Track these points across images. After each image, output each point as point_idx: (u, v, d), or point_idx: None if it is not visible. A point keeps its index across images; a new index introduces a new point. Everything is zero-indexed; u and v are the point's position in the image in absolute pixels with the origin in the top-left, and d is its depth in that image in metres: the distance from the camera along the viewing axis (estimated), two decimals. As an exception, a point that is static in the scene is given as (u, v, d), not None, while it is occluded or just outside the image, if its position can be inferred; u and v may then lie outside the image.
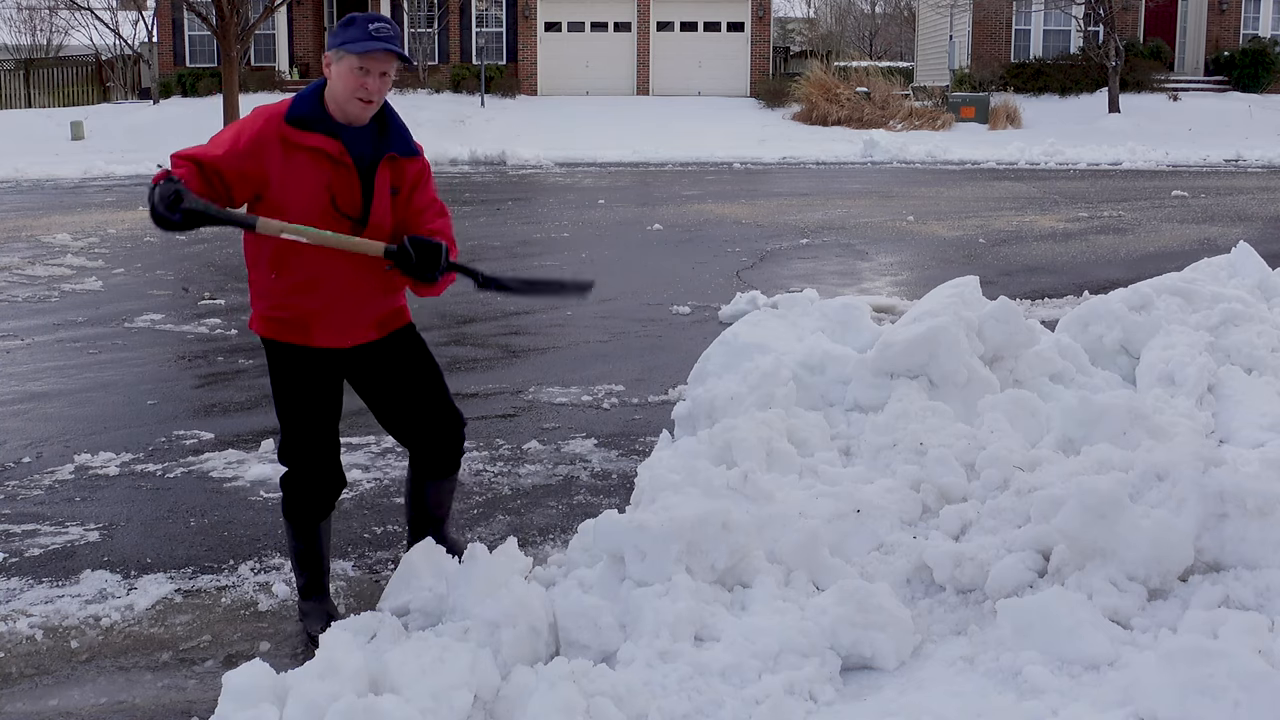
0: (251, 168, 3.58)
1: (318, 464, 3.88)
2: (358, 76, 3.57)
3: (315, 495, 3.91)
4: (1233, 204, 16.49)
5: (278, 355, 3.82)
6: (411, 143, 3.80)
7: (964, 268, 10.68)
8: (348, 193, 3.65)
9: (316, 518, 3.96)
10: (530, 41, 35.77)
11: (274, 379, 3.87)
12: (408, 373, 3.90)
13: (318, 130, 3.60)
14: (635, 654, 3.42)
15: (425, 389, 3.92)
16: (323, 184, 3.62)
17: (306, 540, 3.98)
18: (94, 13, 37.99)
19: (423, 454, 4.01)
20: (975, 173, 21.57)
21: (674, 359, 7.75)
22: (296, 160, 3.60)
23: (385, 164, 3.70)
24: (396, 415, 3.96)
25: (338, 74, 3.59)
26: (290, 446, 3.89)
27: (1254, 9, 34.07)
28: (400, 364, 3.89)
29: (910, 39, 47.88)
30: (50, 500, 5.41)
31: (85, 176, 22.04)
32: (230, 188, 3.60)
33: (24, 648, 4.04)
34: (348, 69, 3.57)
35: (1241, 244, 6.95)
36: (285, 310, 3.73)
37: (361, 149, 3.66)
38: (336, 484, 3.95)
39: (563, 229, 14.41)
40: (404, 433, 4.00)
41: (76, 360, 8.09)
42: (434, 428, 3.96)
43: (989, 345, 5.28)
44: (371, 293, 3.78)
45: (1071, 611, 3.41)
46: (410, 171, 3.77)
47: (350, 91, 3.58)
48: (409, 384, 3.90)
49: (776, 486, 4.33)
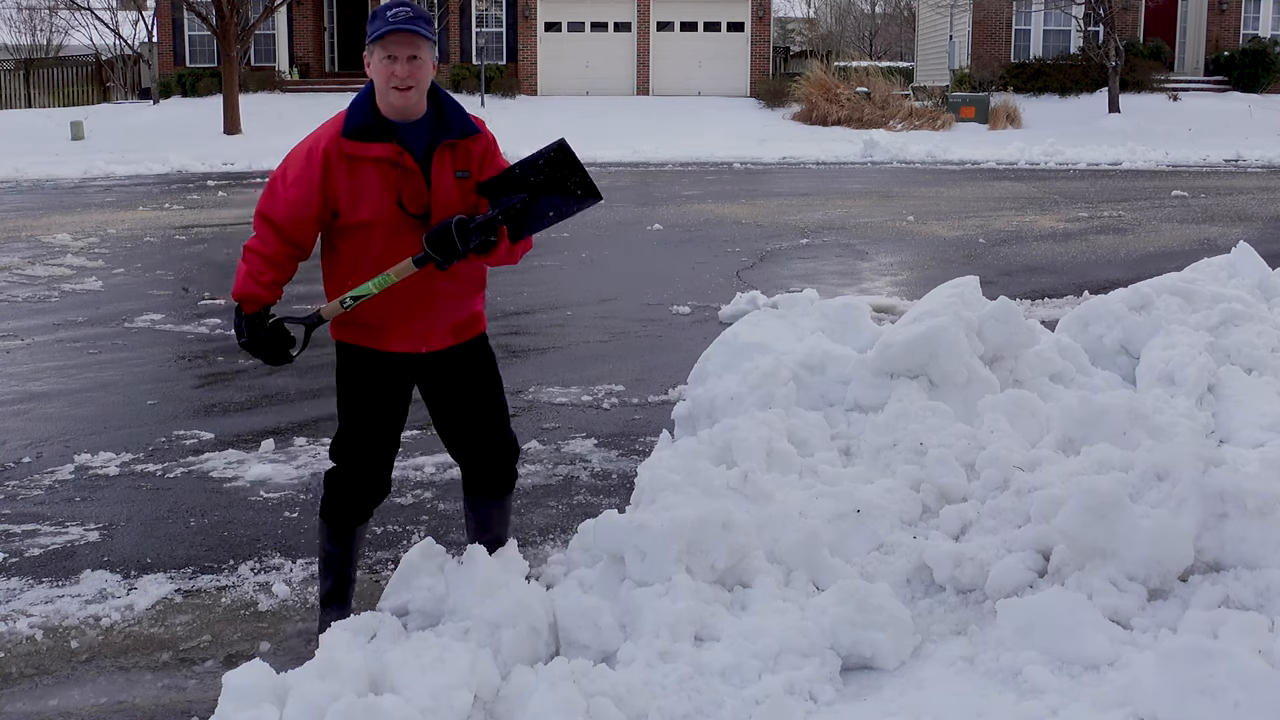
0: (319, 204, 3.62)
1: (368, 468, 3.84)
2: (387, 65, 3.58)
3: (358, 498, 3.86)
4: (1233, 204, 16.49)
5: (348, 357, 3.79)
6: (469, 121, 3.74)
7: (964, 268, 10.68)
8: (412, 192, 3.64)
9: (354, 521, 3.90)
10: (530, 41, 35.77)
11: (341, 378, 3.83)
12: (472, 391, 3.86)
13: (374, 138, 3.60)
14: (635, 654, 3.42)
15: (486, 412, 3.89)
16: (388, 189, 3.62)
17: (339, 544, 3.92)
18: (94, 13, 37.99)
19: (472, 472, 3.98)
20: (975, 173, 21.57)
21: (674, 359, 7.75)
22: (362, 173, 3.61)
23: (443, 151, 3.67)
24: (454, 431, 3.92)
25: (373, 70, 3.62)
26: (344, 446, 3.83)
27: (1254, 9, 34.06)
28: (467, 380, 3.85)
29: (910, 39, 47.88)
30: (50, 500, 5.41)
31: (85, 176, 22.04)
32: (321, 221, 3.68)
33: (24, 648, 4.04)
34: (378, 61, 3.59)
35: (1241, 244, 6.95)
36: (361, 314, 3.70)
37: (419, 143, 3.65)
38: (381, 490, 3.91)
39: (563, 229, 14.37)
40: (458, 449, 3.97)
41: (76, 360, 8.09)
42: (487, 451, 3.93)
43: (989, 345, 5.28)
44: (448, 297, 3.75)
45: (1071, 611, 3.41)
46: (476, 151, 3.73)
47: (385, 82, 3.59)
48: (471, 402, 3.87)
49: (776, 486, 4.33)
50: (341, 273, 3.72)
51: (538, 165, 3.71)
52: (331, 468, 3.88)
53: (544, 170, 3.71)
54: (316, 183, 3.60)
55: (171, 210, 16.72)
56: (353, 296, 3.63)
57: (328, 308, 3.69)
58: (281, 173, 3.68)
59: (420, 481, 5.58)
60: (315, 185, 3.60)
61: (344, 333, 3.77)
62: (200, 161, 23.78)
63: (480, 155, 3.74)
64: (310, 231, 3.67)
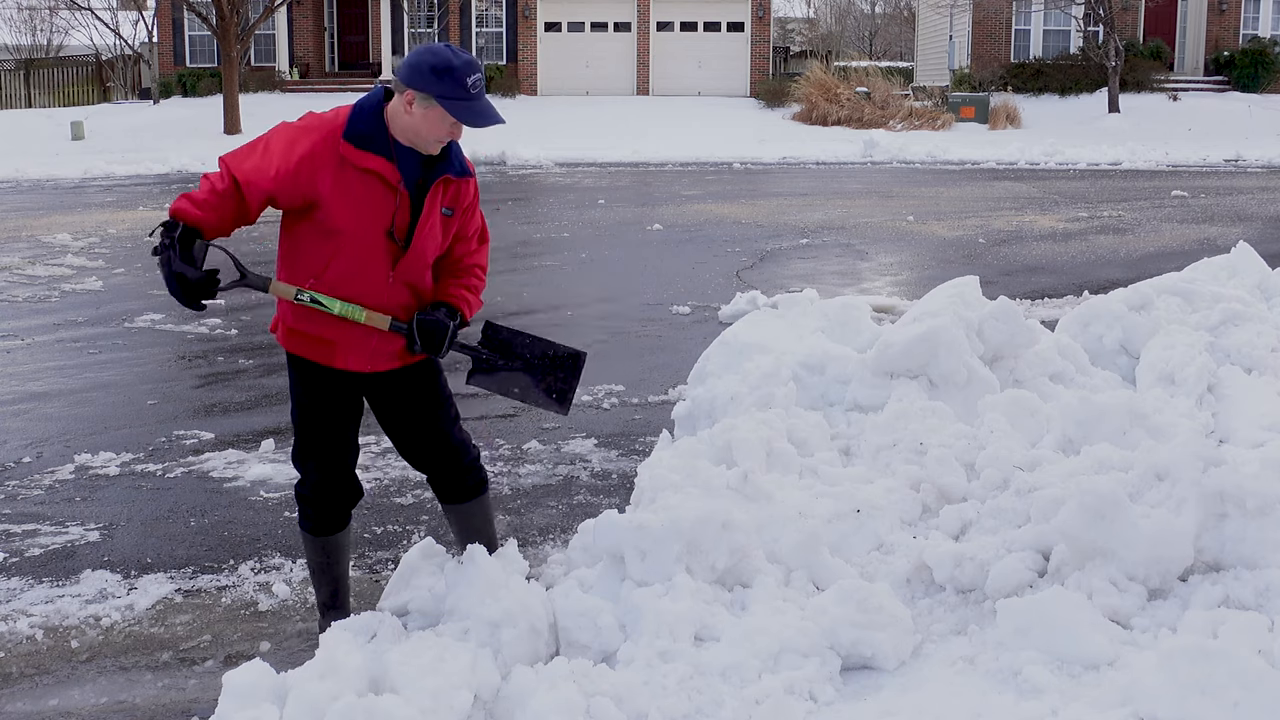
0: (305, 186, 3.49)
1: (331, 474, 3.81)
2: (443, 126, 3.48)
3: (330, 505, 3.84)
4: (1233, 204, 16.49)
5: (298, 368, 3.76)
6: (466, 162, 3.70)
7: (964, 268, 10.68)
8: (398, 217, 3.57)
9: (333, 528, 3.88)
10: (530, 41, 35.77)
11: (293, 388, 3.81)
12: (419, 403, 3.83)
13: (375, 150, 3.50)
14: (635, 654, 3.42)
15: (434, 420, 3.85)
16: (374, 206, 3.53)
17: (325, 553, 3.90)
18: (94, 13, 37.99)
19: (437, 482, 3.97)
20: (975, 173, 21.57)
21: (674, 359, 7.75)
22: (349, 179, 3.50)
23: (439, 186, 3.61)
24: (407, 443, 3.90)
25: (423, 117, 3.47)
26: (304, 454, 3.81)
27: (1254, 9, 34.06)
28: (413, 394, 3.82)
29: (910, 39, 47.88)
30: (50, 500, 5.41)
31: (85, 176, 22.04)
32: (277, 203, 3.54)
33: (24, 648, 4.04)
34: (438, 118, 3.46)
35: (1241, 244, 6.94)
36: (313, 327, 3.65)
37: (414, 171, 3.57)
38: (351, 494, 3.89)
39: (563, 229, 14.41)
40: (417, 462, 3.95)
41: (76, 360, 8.09)
42: (441, 458, 3.90)
43: (989, 345, 5.28)
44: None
45: (1071, 611, 3.41)
46: (466, 192, 3.70)
47: (433, 136, 3.50)
48: (419, 414, 3.84)
49: (776, 486, 4.33)
50: (303, 266, 3.61)
51: (548, 354, 3.90)
52: (299, 480, 3.85)
53: (550, 361, 3.89)
54: (289, 170, 3.46)
55: (171, 210, 16.70)
56: (313, 299, 3.56)
57: (281, 286, 3.59)
58: (265, 142, 3.55)
59: (420, 481, 5.58)
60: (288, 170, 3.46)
61: (295, 344, 3.70)
62: (200, 162, 23.76)
63: (468, 200, 3.71)
64: (258, 202, 3.50)
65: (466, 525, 4.02)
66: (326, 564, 3.92)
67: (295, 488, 3.87)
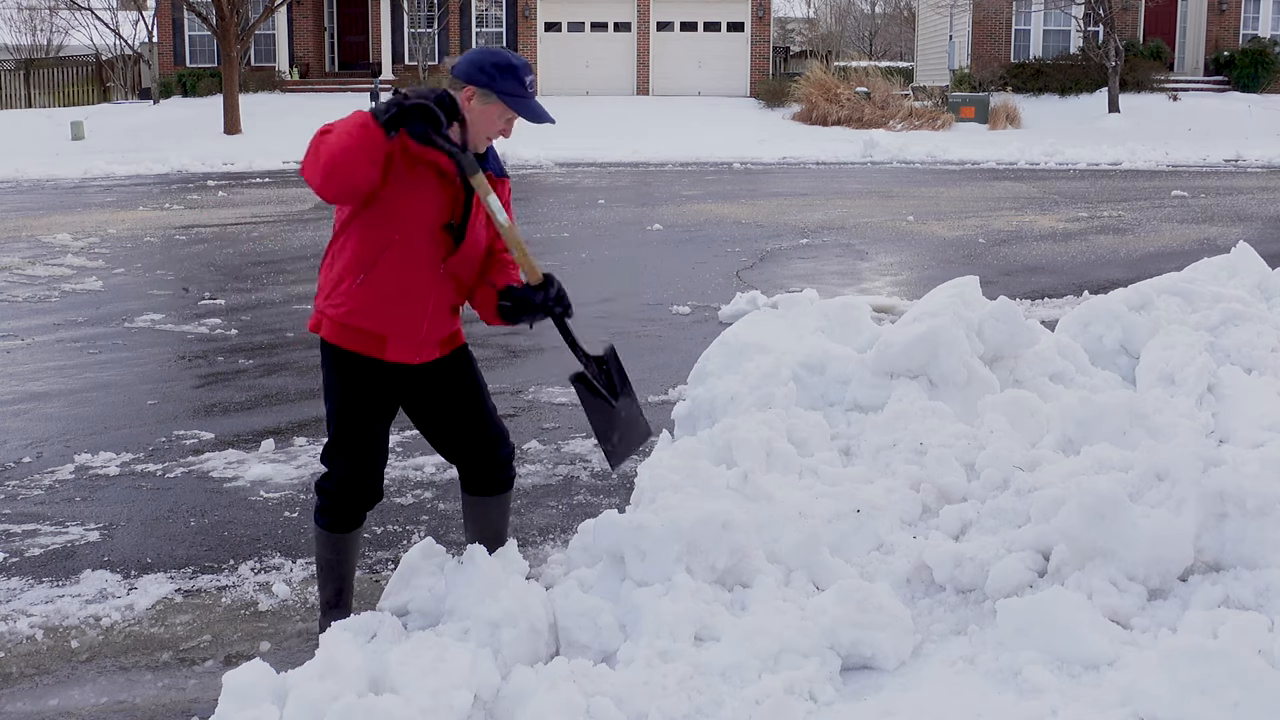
0: (385, 167, 3.53)
1: (364, 473, 3.82)
2: (500, 124, 3.65)
3: (354, 504, 3.85)
4: (1233, 204, 16.49)
5: (343, 363, 3.75)
6: (503, 164, 3.84)
7: (964, 268, 10.68)
8: (452, 210, 3.66)
9: (348, 526, 3.89)
10: (530, 41, 35.77)
11: (334, 383, 3.78)
12: (460, 390, 3.88)
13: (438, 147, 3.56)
14: (635, 654, 3.42)
15: (473, 408, 3.90)
16: (432, 199, 3.62)
17: (335, 551, 3.91)
18: (94, 13, 38.01)
19: (471, 472, 3.98)
20: (975, 173, 21.57)
21: (674, 359, 7.75)
22: (410, 170, 3.58)
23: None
24: (446, 432, 3.92)
25: (481, 113, 3.61)
26: (339, 451, 3.80)
27: (1254, 9, 34.07)
28: (454, 381, 3.86)
29: (910, 39, 47.88)
30: (50, 500, 5.41)
31: (85, 176, 22.04)
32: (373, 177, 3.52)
33: (24, 648, 4.04)
34: (496, 115, 3.63)
35: (1241, 244, 6.94)
36: (364, 319, 3.66)
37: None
38: (374, 494, 3.89)
39: (563, 229, 14.41)
40: (455, 452, 3.97)
41: (76, 360, 8.09)
42: (479, 446, 3.93)
43: (989, 345, 5.28)
44: (445, 311, 3.77)
45: (1071, 611, 3.42)
46: (504, 193, 3.79)
47: (487, 131, 3.65)
48: (460, 401, 3.88)
49: (776, 486, 4.33)
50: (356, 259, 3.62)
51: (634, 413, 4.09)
52: (324, 474, 3.86)
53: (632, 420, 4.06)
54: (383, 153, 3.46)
55: (172, 210, 16.72)
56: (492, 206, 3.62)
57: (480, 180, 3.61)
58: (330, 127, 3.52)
59: (420, 481, 5.58)
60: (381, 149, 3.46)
61: (344, 338, 3.71)
62: (200, 161, 23.80)
63: (505, 199, 3.78)
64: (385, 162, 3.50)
65: (485, 519, 4.03)
66: (336, 561, 3.93)
67: (317, 482, 3.87)
